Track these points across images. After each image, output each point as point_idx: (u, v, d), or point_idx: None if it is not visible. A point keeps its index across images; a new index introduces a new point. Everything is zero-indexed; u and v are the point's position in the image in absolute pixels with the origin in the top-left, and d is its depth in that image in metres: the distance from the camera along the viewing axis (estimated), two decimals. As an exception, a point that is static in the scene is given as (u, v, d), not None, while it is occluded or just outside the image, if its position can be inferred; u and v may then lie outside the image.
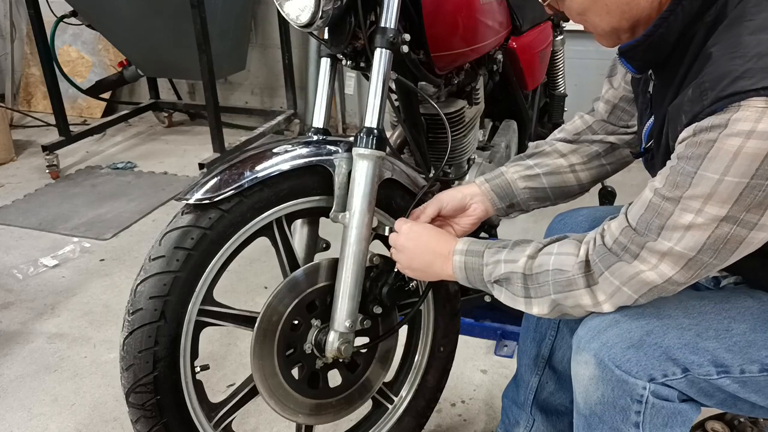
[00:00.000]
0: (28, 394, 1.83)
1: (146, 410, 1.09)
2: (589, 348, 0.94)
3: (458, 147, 1.74)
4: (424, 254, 1.13)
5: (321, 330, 1.21)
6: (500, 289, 1.04)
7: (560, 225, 1.31)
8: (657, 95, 0.99)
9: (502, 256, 1.03)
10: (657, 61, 0.94)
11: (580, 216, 1.29)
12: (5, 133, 3.60)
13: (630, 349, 0.91)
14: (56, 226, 2.83)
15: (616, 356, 0.92)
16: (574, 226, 1.27)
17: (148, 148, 3.84)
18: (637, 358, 0.91)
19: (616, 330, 0.93)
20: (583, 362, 0.96)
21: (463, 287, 1.66)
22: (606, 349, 0.92)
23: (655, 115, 0.99)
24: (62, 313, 2.21)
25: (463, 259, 1.08)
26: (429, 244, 1.13)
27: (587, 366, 0.95)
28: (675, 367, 0.90)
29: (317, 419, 1.30)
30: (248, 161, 1.14)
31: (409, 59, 1.32)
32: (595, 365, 0.93)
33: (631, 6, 0.91)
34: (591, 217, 1.27)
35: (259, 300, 2.16)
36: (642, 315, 0.94)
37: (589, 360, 0.94)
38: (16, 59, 4.47)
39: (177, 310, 1.09)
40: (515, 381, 1.42)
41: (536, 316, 1.32)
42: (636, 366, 0.91)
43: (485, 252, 1.06)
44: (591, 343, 0.94)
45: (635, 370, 0.91)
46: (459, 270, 1.08)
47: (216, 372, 1.88)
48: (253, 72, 4.04)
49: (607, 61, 1.38)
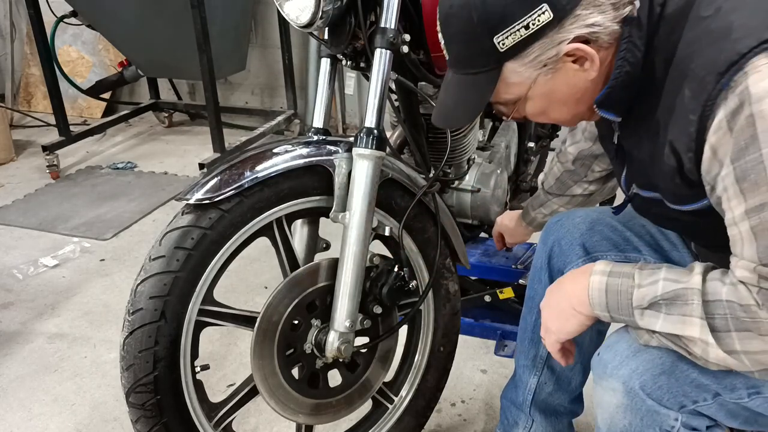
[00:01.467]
0: (28, 394, 1.83)
1: (146, 410, 1.09)
2: (617, 375, 0.91)
3: (458, 147, 1.74)
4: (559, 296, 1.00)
5: (321, 330, 1.22)
6: (655, 315, 0.86)
7: (557, 226, 1.30)
8: (629, 140, 0.98)
9: (660, 275, 0.87)
10: (634, 95, 0.92)
11: (577, 217, 1.28)
12: (5, 133, 3.60)
13: (662, 376, 0.88)
14: (56, 226, 2.83)
15: (647, 384, 0.88)
16: (571, 227, 1.27)
17: (148, 148, 3.84)
18: (669, 385, 0.87)
19: (646, 356, 0.90)
20: (610, 389, 0.92)
21: (463, 287, 1.67)
22: (636, 377, 0.89)
23: (630, 161, 0.99)
24: (62, 313, 2.21)
25: (604, 280, 0.91)
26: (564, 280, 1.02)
27: (614, 393, 0.91)
28: (706, 393, 0.88)
29: (317, 419, 1.30)
30: (248, 161, 1.14)
31: (409, 59, 1.32)
32: (624, 393, 0.90)
33: (581, 92, 0.91)
34: (588, 218, 1.27)
35: (259, 300, 2.16)
36: None
37: (617, 387, 0.91)
38: (16, 59, 4.47)
39: (177, 310, 1.09)
40: (514, 381, 1.42)
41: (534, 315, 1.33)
42: (667, 394, 0.88)
43: (636, 273, 0.90)
44: (619, 369, 0.91)
45: (666, 399, 0.88)
46: (597, 292, 0.92)
47: (216, 372, 1.88)
48: (253, 72, 4.04)
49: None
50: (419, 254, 1.36)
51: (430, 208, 1.33)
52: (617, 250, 1.22)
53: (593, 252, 1.23)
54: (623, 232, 1.23)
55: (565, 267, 1.25)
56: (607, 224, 1.24)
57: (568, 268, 1.24)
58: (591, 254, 1.23)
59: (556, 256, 1.27)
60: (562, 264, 1.26)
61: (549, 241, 1.29)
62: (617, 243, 1.22)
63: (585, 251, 1.23)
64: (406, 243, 1.33)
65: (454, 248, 1.42)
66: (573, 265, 1.24)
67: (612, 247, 1.22)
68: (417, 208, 1.30)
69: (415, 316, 1.42)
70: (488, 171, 1.86)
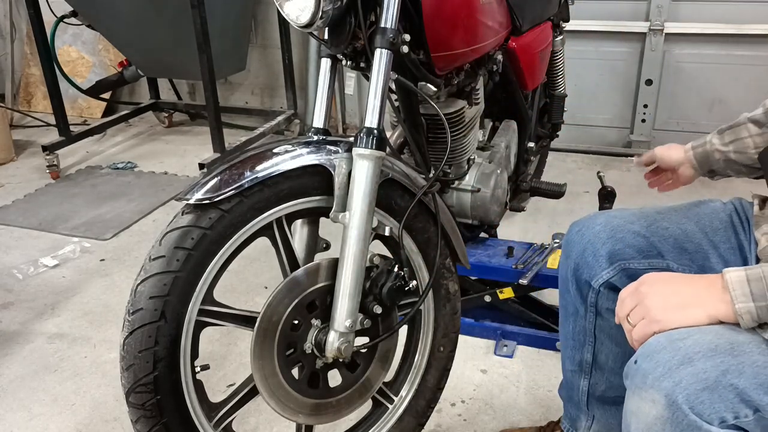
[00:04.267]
0: (28, 394, 1.83)
1: (146, 410, 1.09)
2: (660, 386, 0.89)
3: (458, 147, 1.74)
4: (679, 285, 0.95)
5: (321, 330, 1.21)
6: None
7: (578, 237, 1.27)
8: None
9: None
10: None
11: (596, 225, 1.25)
12: (5, 133, 3.60)
13: (705, 391, 0.86)
14: (56, 226, 2.83)
15: (690, 398, 0.86)
16: (592, 237, 1.24)
17: (148, 148, 3.84)
18: (711, 400, 0.86)
19: (690, 369, 0.88)
20: (649, 400, 0.90)
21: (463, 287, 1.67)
22: (680, 390, 0.87)
23: None
24: (62, 313, 2.21)
25: (743, 273, 0.89)
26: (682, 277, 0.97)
27: (654, 405, 0.89)
28: (747, 409, 0.86)
29: (317, 419, 1.30)
30: (248, 161, 1.14)
31: (409, 59, 1.33)
32: (665, 406, 0.88)
33: None
34: (609, 226, 1.23)
35: (259, 300, 2.16)
36: (716, 352, 0.88)
37: (658, 399, 0.89)
38: (16, 59, 4.47)
39: (177, 310, 1.09)
40: (566, 381, 1.41)
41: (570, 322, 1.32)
42: (709, 409, 0.86)
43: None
44: (662, 381, 0.89)
45: (707, 413, 0.86)
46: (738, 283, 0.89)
47: (216, 372, 1.88)
48: (253, 72, 4.04)
49: (607, 61, 1.39)
50: (419, 254, 1.36)
51: (430, 208, 1.33)
52: (642, 256, 1.19)
53: (618, 260, 1.21)
54: (648, 237, 1.20)
55: (592, 279, 1.24)
56: (629, 230, 1.21)
57: (595, 281, 1.23)
58: (615, 263, 1.21)
59: (582, 269, 1.25)
60: (588, 276, 1.24)
61: (572, 254, 1.27)
62: (641, 248, 1.20)
63: (609, 261, 1.21)
64: (406, 243, 1.33)
65: (454, 248, 1.42)
66: (600, 277, 1.22)
67: (636, 254, 1.20)
68: (417, 208, 1.30)
69: (415, 316, 1.42)
70: (488, 171, 1.86)
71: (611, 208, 1.34)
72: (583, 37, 3.28)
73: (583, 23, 3.18)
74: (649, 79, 3.29)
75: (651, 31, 3.19)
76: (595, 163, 3.38)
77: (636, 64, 3.29)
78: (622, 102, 3.41)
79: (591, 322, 1.29)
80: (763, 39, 3.09)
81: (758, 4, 3.05)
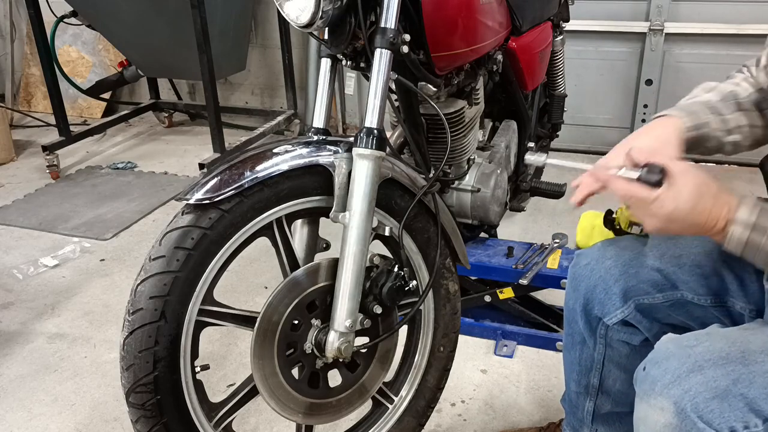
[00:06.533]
0: (28, 394, 1.83)
1: (146, 410, 1.09)
2: (668, 394, 0.88)
3: (458, 147, 1.74)
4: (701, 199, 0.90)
5: (321, 330, 1.21)
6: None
7: (586, 270, 1.21)
8: None
9: None
10: None
11: (607, 260, 1.19)
12: (5, 133, 3.60)
13: (714, 399, 0.85)
14: (56, 226, 2.83)
15: (699, 407, 0.85)
16: (604, 274, 1.19)
17: (148, 148, 3.84)
18: (721, 409, 0.85)
19: (700, 377, 0.87)
20: (658, 407, 0.89)
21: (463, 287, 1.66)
22: (689, 398, 0.86)
23: None
24: (62, 313, 2.21)
25: (746, 234, 0.88)
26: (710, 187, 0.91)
27: (663, 413, 0.88)
28: (757, 419, 0.85)
29: (317, 419, 1.30)
30: (248, 161, 1.14)
31: (409, 59, 1.33)
32: (674, 414, 0.87)
33: None
34: (620, 261, 1.18)
35: (259, 300, 2.16)
36: (727, 360, 0.87)
37: (667, 407, 0.88)
38: (16, 59, 4.47)
39: (177, 310, 1.09)
40: (569, 397, 1.38)
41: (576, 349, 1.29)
42: (718, 418, 0.85)
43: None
44: (671, 388, 0.88)
45: (717, 422, 0.85)
46: (736, 244, 0.90)
47: (216, 372, 1.88)
48: (253, 72, 4.04)
49: (607, 61, 1.38)
50: (419, 254, 1.36)
51: (430, 208, 1.33)
52: (656, 290, 1.15)
53: (632, 297, 1.17)
54: (661, 270, 1.15)
55: (604, 316, 1.20)
56: (642, 264, 1.16)
57: (608, 318, 1.19)
58: (629, 300, 1.17)
59: (592, 304, 1.22)
60: (600, 312, 1.21)
61: (581, 288, 1.23)
62: (655, 283, 1.16)
63: (623, 299, 1.18)
64: (406, 243, 1.33)
65: (454, 248, 1.42)
66: (613, 315, 1.19)
67: (650, 288, 1.16)
68: (417, 208, 1.30)
69: (415, 316, 1.42)
70: (488, 171, 1.86)
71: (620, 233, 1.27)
72: (583, 37, 3.27)
73: (583, 23, 3.18)
74: (649, 79, 3.29)
75: (651, 31, 3.19)
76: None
77: (636, 64, 3.29)
78: (622, 102, 3.41)
79: (600, 353, 1.26)
80: (763, 39, 3.07)
81: (758, 4, 3.05)
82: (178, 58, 3.38)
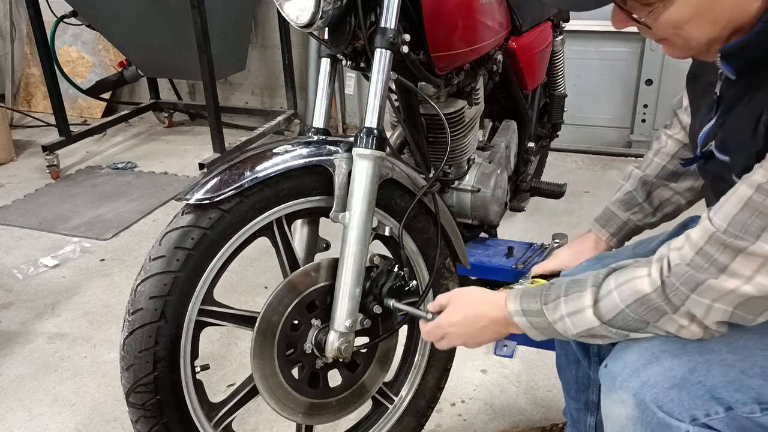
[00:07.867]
0: (28, 394, 1.83)
1: (146, 410, 1.09)
2: (628, 387, 0.89)
3: (458, 147, 1.74)
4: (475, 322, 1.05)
5: (321, 330, 1.22)
6: (592, 340, 0.95)
7: None
8: (729, 95, 0.90)
9: (562, 310, 0.94)
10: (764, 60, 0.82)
11: None
12: (5, 133, 3.60)
13: (673, 389, 0.86)
14: (56, 226, 2.83)
15: (658, 397, 0.86)
16: None
17: (148, 148, 3.84)
18: (680, 398, 0.85)
19: (657, 368, 0.88)
20: (619, 401, 0.90)
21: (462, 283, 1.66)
22: (647, 389, 0.87)
23: (723, 116, 0.91)
24: (62, 313, 2.21)
25: (526, 321, 0.99)
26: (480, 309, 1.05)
27: (624, 406, 0.89)
28: (718, 406, 0.85)
29: (317, 419, 1.30)
30: (248, 161, 1.14)
31: (409, 59, 1.33)
32: (635, 406, 0.88)
33: (740, 12, 0.79)
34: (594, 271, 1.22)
35: (259, 300, 2.16)
36: (684, 350, 0.88)
37: (627, 399, 0.89)
38: (16, 59, 4.47)
39: (177, 310, 1.09)
40: (571, 416, 1.38)
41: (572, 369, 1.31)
42: (678, 407, 0.85)
43: (544, 310, 0.96)
44: (629, 381, 0.89)
45: (677, 411, 0.86)
46: (529, 330, 1.00)
47: (216, 372, 1.88)
48: (253, 72, 4.04)
49: (607, 61, 1.38)
50: (419, 254, 1.36)
51: (430, 208, 1.33)
52: None
53: None
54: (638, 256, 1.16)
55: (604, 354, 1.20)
56: None
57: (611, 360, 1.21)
58: None
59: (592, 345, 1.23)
60: (604, 353, 1.21)
61: None
62: None
63: None
64: (406, 243, 1.33)
65: (454, 248, 1.42)
66: None
67: None
68: (417, 208, 1.30)
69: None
70: (488, 171, 1.86)
71: None
72: (583, 37, 3.27)
73: (583, 23, 3.18)
74: (649, 79, 3.29)
75: (651, 31, 3.19)
76: (595, 163, 3.38)
77: (636, 64, 3.29)
78: (622, 102, 3.41)
79: (595, 370, 1.26)
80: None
81: (758, 4, 3.05)
82: (178, 58, 3.38)
